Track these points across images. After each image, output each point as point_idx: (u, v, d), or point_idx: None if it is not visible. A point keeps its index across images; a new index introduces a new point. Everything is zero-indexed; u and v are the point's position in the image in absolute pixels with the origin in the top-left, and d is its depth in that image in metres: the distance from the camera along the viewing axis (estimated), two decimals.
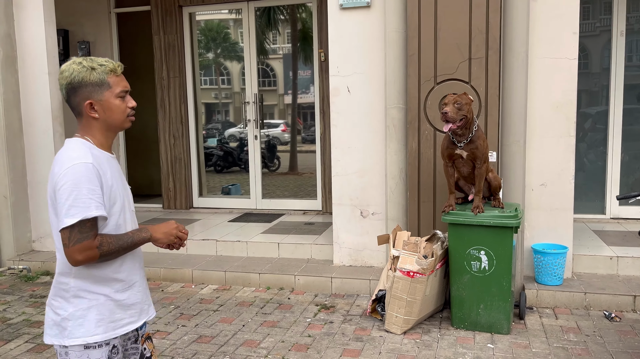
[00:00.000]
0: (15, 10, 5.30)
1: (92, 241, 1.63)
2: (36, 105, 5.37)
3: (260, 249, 5.13)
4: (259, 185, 6.67)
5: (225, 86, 6.80)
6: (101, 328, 1.71)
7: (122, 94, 1.75)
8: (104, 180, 1.69)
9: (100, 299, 1.71)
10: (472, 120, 3.41)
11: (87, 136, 1.74)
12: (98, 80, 1.70)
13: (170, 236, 1.82)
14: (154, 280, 4.87)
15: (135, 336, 1.85)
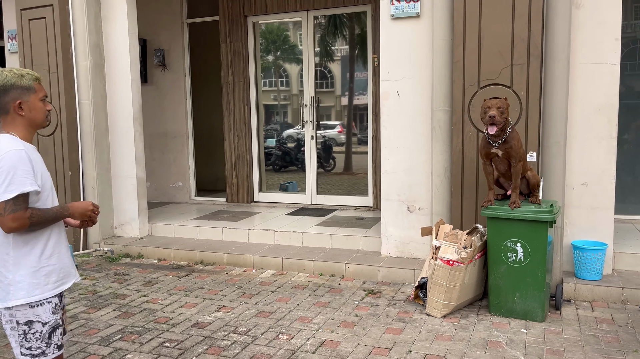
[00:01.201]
0: (104, 22, 6.03)
1: (24, 212, 2.01)
2: (120, 107, 6.08)
3: (314, 240, 5.58)
4: (314, 182, 7.13)
5: (284, 88, 7.31)
6: (38, 289, 2.09)
7: (43, 98, 2.18)
8: (34, 164, 2.06)
9: (35, 266, 2.10)
10: (507, 122, 3.70)
11: (12, 132, 2.11)
12: (27, 85, 2.11)
13: (85, 216, 2.21)
14: (219, 264, 5.42)
15: (62, 296, 2.25)
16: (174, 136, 7.74)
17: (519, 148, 3.73)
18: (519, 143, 3.75)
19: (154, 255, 5.74)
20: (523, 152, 3.80)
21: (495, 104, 3.66)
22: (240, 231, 5.89)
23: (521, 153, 3.76)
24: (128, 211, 6.18)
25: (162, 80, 7.69)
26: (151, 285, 4.82)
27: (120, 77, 6.02)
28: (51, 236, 2.15)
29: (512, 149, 3.72)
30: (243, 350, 3.44)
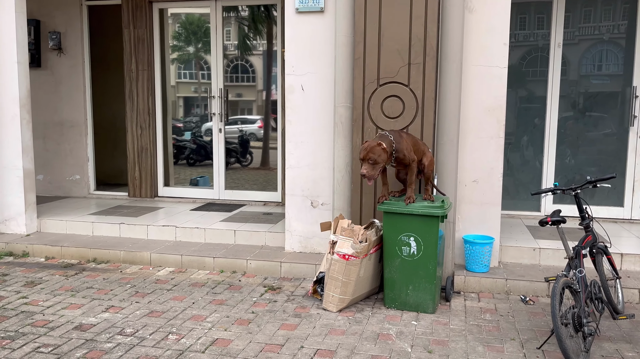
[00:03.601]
0: None
1: None
2: (4, 92, 5.57)
3: (218, 235, 5.43)
4: (222, 176, 6.96)
5: (204, 80, 7.06)
6: None
7: None
8: None
9: None
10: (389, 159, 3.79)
11: None
12: None
13: None
14: (114, 262, 5.13)
15: None
16: (70, 125, 7.23)
17: (409, 152, 3.83)
18: (408, 148, 3.85)
19: (41, 253, 5.33)
20: (413, 155, 3.89)
21: (367, 157, 3.67)
22: (139, 227, 5.61)
23: (412, 156, 3.86)
24: (13, 205, 5.68)
25: (57, 65, 7.15)
26: (34, 286, 4.46)
27: (6, 60, 5.51)
28: None
29: (404, 158, 3.84)
30: (127, 352, 3.26)
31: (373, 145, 3.65)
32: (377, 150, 3.65)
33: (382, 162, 3.67)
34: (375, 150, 3.65)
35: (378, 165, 3.66)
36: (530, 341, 3.44)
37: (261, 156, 7.35)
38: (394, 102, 4.40)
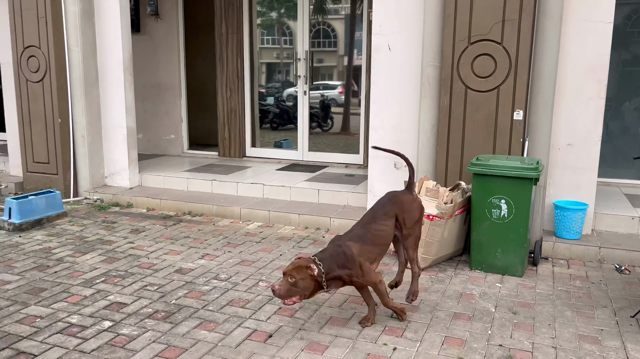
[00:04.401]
0: None
1: None
2: (110, 56, 6.00)
3: (302, 194, 5.62)
4: (306, 138, 7.11)
5: (287, 46, 7.20)
6: None
7: None
8: None
9: None
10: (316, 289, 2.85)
11: None
12: None
13: None
14: (207, 215, 5.48)
15: None
16: (167, 88, 7.67)
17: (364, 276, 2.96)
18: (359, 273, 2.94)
19: (143, 205, 5.80)
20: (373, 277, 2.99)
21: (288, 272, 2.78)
22: (230, 184, 5.93)
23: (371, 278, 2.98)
24: (118, 161, 6.19)
25: (155, 30, 7.56)
26: (138, 233, 4.89)
27: (110, 24, 5.92)
28: None
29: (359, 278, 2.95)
30: (222, 295, 3.53)
31: (302, 265, 2.78)
32: (303, 272, 2.76)
33: (302, 289, 2.77)
34: (301, 271, 2.77)
35: (294, 290, 2.75)
36: (624, 310, 3.31)
37: (342, 121, 7.41)
38: (485, 61, 4.26)
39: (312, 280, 2.79)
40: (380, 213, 3.11)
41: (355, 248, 2.93)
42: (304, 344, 2.88)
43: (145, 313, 3.24)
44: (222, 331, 3.03)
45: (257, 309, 3.30)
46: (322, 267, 2.82)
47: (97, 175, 6.21)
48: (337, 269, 2.87)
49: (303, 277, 2.76)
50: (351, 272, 2.89)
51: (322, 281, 2.81)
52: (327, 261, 2.86)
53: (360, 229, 3.06)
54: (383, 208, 3.14)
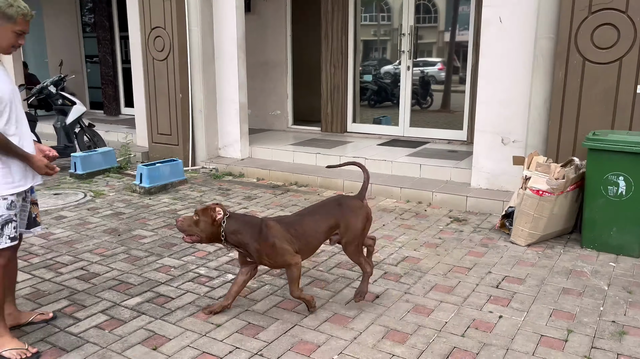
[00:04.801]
0: None
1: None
2: (225, 34, 6.41)
3: (404, 168, 5.70)
4: (407, 113, 7.14)
5: (385, 22, 7.23)
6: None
7: (19, 32, 2.42)
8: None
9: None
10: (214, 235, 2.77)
11: None
12: (10, 14, 2.36)
13: (40, 170, 2.54)
14: (312, 186, 5.75)
15: (24, 197, 2.57)
16: (274, 65, 8.03)
17: (275, 258, 2.81)
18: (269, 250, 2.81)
19: (253, 175, 6.20)
20: (286, 258, 2.81)
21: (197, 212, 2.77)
22: (333, 157, 6.15)
23: (282, 259, 2.82)
24: (231, 133, 6.65)
25: (264, 9, 7.91)
26: (250, 200, 5.27)
27: (226, 5, 6.31)
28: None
29: (265, 258, 2.82)
30: (330, 258, 3.75)
31: (210, 207, 2.76)
32: (207, 215, 2.73)
33: (200, 230, 2.73)
34: (207, 214, 2.73)
35: (195, 229, 2.73)
36: None
37: (442, 98, 7.32)
38: (606, 31, 4.04)
39: (212, 224, 2.72)
40: (322, 211, 2.95)
41: (275, 229, 2.79)
42: (410, 306, 3.02)
43: (261, 269, 3.55)
44: (332, 289, 3.26)
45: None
46: (230, 225, 2.74)
47: (212, 146, 6.72)
48: (245, 236, 2.74)
49: (206, 219, 2.72)
50: (259, 249, 2.74)
51: (222, 232, 2.73)
52: (238, 222, 2.77)
53: (293, 217, 2.98)
54: (325, 207, 2.99)
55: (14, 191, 2.47)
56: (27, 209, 2.65)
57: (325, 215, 2.92)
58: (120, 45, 9.93)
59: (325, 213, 2.93)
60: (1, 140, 2.37)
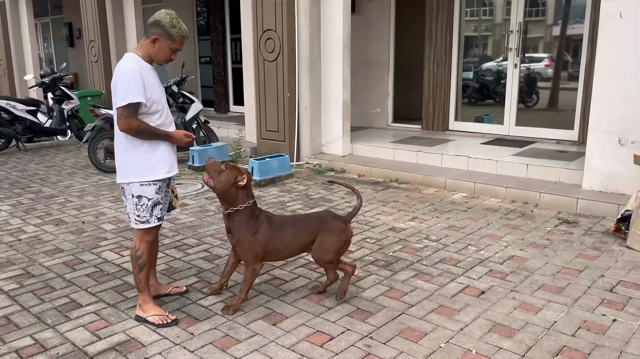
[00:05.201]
0: None
1: (134, 120, 2.67)
2: (331, 35, 6.66)
3: (508, 168, 5.60)
4: (513, 112, 6.96)
5: (486, 17, 7.10)
6: (147, 173, 2.77)
7: (175, 50, 2.79)
8: (145, 81, 2.67)
9: (146, 156, 2.76)
10: (237, 195, 2.89)
11: (139, 51, 2.76)
12: (171, 33, 2.73)
13: (181, 142, 2.86)
14: (413, 184, 5.83)
15: (167, 184, 2.92)
16: (376, 64, 8.17)
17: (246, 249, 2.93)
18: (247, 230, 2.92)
19: (355, 171, 6.40)
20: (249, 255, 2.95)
21: (217, 167, 2.88)
22: (434, 156, 6.18)
23: (248, 257, 2.94)
24: (334, 130, 6.90)
25: (368, 10, 8.07)
26: (353, 195, 5.47)
27: (333, 6, 6.56)
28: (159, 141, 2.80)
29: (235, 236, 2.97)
30: (434, 253, 3.84)
31: (241, 170, 2.88)
32: (233, 171, 2.85)
33: (219, 181, 2.84)
34: (233, 170, 2.86)
35: (217, 177, 2.85)
36: None
37: (549, 96, 7.03)
38: None
39: (230, 184, 2.84)
40: (303, 226, 2.99)
41: (266, 224, 2.90)
42: (517, 303, 3.04)
43: (367, 260, 3.73)
44: (437, 283, 3.35)
45: (468, 269, 3.54)
46: (244, 202, 2.87)
47: (315, 142, 7.02)
48: (242, 219, 2.87)
49: (228, 176, 2.83)
50: (239, 236, 2.88)
51: (234, 198, 2.86)
52: (250, 206, 2.89)
53: (280, 221, 3.00)
54: (308, 222, 3.02)
55: (161, 177, 2.85)
56: (169, 194, 3.03)
57: (305, 230, 2.98)
58: (231, 46, 10.60)
59: (306, 229, 2.99)
60: (146, 129, 2.73)
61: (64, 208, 5.12)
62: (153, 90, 2.76)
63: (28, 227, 4.57)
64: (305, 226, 3.00)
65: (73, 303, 3.14)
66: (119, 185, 3.17)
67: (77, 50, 15.05)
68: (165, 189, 2.93)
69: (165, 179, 2.90)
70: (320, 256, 3.00)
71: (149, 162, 2.80)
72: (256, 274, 2.96)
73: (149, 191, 2.82)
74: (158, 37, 2.73)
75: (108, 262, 3.76)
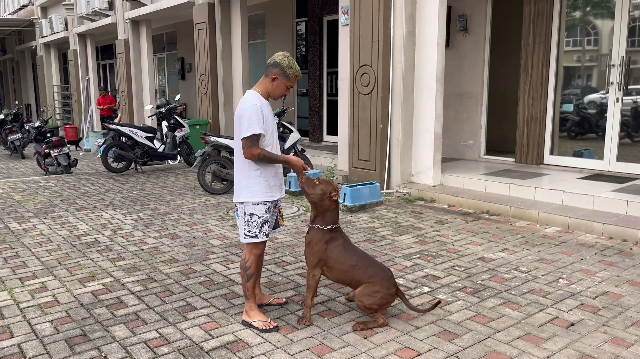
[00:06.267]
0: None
1: (255, 149, 3.06)
2: (424, 69, 6.91)
3: (607, 204, 5.45)
4: (614, 147, 6.74)
5: (590, 47, 6.99)
6: (260, 193, 3.16)
7: (289, 86, 3.20)
8: (264, 115, 3.09)
9: (261, 179, 3.15)
10: (327, 209, 3.30)
11: (258, 89, 3.17)
12: (288, 73, 3.14)
13: (297, 168, 3.19)
14: (504, 216, 5.84)
15: (275, 204, 3.30)
16: (469, 96, 8.28)
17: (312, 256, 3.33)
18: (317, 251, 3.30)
19: (445, 201, 6.51)
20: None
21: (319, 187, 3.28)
22: (527, 189, 6.14)
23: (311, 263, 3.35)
24: (424, 161, 7.07)
25: (462, 44, 8.25)
26: (442, 224, 5.59)
27: (428, 42, 6.83)
28: (271, 167, 3.20)
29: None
30: (523, 284, 3.89)
31: (334, 188, 3.25)
32: (327, 186, 3.24)
33: (314, 193, 3.24)
34: (328, 185, 3.24)
35: (311, 189, 3.24)
36: None
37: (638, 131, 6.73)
38: None
39: (321, 196, 3.21)
40: (373, 265, 3.25)
41: (341, 240, 3.24)
42: (607, 337, 3.04)
43: (455, 287, 3.86)
44: (524, 312, 3.42)
45: (557, 301, 3.56)
46: (332, 222, 3.25)
47: (406, 172, 7.23)
48: (323, 229, 3.23)
49: (323, 190, 3.20)
50: (313, 239, 3.24)
51: (326, 209, 3.22)
52: (329, 223, 3.25)
53: (359, 249, 3.34)
54: (375, 265, 3.26)
55: (270, 199, 3.24)
56: (276, 214, 3.41)
57: (364, 269, 3.21)
58: (327, 79, 11.18)
59: (366, 269, 3.21)
60: (266, 156, 3.13)
61: (177, 224, 5.75)
62: (269, 123, 3.17)
63: (149, 239, 5.20)
64: (367, 265, 3.23)
65: (189, 306, 3.59)
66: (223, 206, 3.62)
67: (187, 83, 16.52)
68: (273, 209, 3.31)
69: (274, 201, 3.28)
70: (361, 297, 3.17)
71: (262, 186, 3.20)
72: (316, 280, 3.25)
73: (260, 211, 3.21)
74: (277, 76, 3.15)
75: (217, 273, 4.22)
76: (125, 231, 5.51)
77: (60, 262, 4.53)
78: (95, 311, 3.51)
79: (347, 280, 3.26)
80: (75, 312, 3.50)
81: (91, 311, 3.52)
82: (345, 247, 3.27)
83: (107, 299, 3.70)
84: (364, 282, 3.21)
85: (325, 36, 11.13)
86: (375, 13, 6.97)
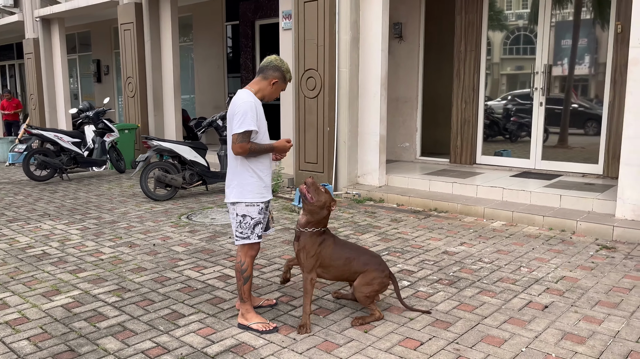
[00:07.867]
0: (362, 3, 7.11)
1: (247, 144, 3.04)
2: (369, 74, 7.16)
3: (542, 198, 5.98)
4: (539, 147, 7.39)
5: (518, 56, 7.62)
6: (253, 194, 3.15)
7: (282, 90, 3.25)
8: (258, 112, 3.09)
9: (254, 179, 3.14)
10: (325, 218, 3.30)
11: (252, 89, 3.14)
12: (286, 78, 3.20)
13: (284, 148, 3.21)
14: (452, 213, 6.20)
15: (267, 206, 3.27)
16: (405, 101, 8.66)
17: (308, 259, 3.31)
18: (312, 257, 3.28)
19: (393, 200, 6.77)
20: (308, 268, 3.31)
21: (318, 191, 3.25)
22: (469, 187, 6.57)
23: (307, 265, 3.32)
24: (370, 162, 7.30)
25: (398, 51, 8.62)
26: (398, 222, 5.82)
27: (372, 48, 7.07)
28: (265, 167, 3.20)
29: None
30: (491, 273, 4.18)
31: (332, 199, 3.27)
32: (327, 197, 3.23)
33: (317, 200, 3.20)
34: (327, 196, 3.23)
35: (315, 198, 3.20)
36: None
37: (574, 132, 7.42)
38: None
39: (324, 206, 3.21)
40: (365, 255, 3.35)
41: (331, 240, 3.29)
42: (580, 316, 3.37)
43: (432, 279, 4.06)
44: (501, 298, 3.68)
45: (526, 287, 3.88)
46: (319, 234, 3.26)
47: (352, 174, 7.41)
48: (313, 232, 3.24)
49: (325, 200, 3.20)
50: (306, 243, 3.22)
51: (321, 217, 3.23)
52: (320, 226, 3.27)
53: (349, 242, 3.43)
54: (367, 254, 3.37)
55: (263, 200, 3.22)
56: (267, 215, 3.40)
57: (358, 259, 3.30)
58: None
59: (360, 259, 3.31)
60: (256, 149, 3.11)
61: (130, 232, 5.47)
62: (261, 122, 3.16)
63: (104, 249, 4.91)
64: (360, 254, 3.34)
65: (176, 313, 3.46)
66: (172, 212, 3.49)
67: (104, 86, 15.65)
68: (265, 211, 3.29)
69: (266, 202, 3.27)
70: (360, 288, 3.26)
71: (255, 187, 3.18)
72: (313, 284, 3.24)
73: (253, 212, 3.19)
74: (277, 80, 3.17)
75: (192, 279, 4.09)
76: (74, 241, 5.15)
77: (13, 277, 4.15)
78: (75, 325, 3.27)
79: (346, 274, 3.32)
80: (52, 327, 3.24)
81: (69, 325, 3.27)
82: (336, 243, 3.33)
83: (83, 313, 3.46)
84: (361, 271, 3.29)
85: (258, 40, 11.10)
86: (321, 18, 7.10)
